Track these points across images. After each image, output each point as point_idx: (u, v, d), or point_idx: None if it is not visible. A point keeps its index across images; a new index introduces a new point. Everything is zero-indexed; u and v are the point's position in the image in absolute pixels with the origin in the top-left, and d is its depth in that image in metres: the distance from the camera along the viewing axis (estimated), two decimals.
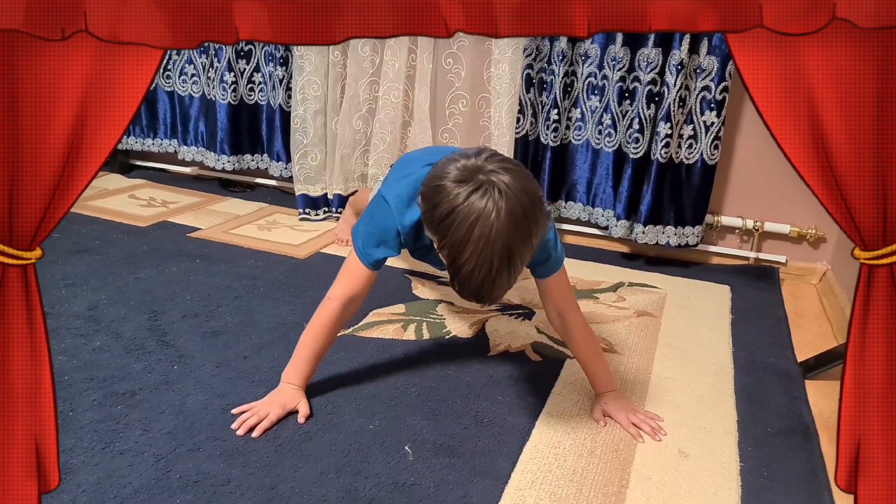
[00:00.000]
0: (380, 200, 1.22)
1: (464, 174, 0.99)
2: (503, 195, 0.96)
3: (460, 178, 0.99)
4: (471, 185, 0.98)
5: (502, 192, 0.97)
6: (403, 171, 1.25)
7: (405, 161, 1.38)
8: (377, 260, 1.25)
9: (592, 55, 2.11)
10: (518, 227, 0.97)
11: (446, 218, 0.98)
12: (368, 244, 1.23)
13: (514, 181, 0.98)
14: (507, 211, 0.96)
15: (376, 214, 1.23)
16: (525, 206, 0.98)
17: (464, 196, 0.97)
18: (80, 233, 2.11)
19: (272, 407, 1.24)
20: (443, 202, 0.99)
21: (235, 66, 2.53)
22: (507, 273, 0.99)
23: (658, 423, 1.30)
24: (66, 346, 1.44)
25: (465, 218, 0.97)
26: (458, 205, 0.97)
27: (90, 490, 1.03)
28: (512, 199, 0.97)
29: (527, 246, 1.00)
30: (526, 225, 0.98)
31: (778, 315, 1.87)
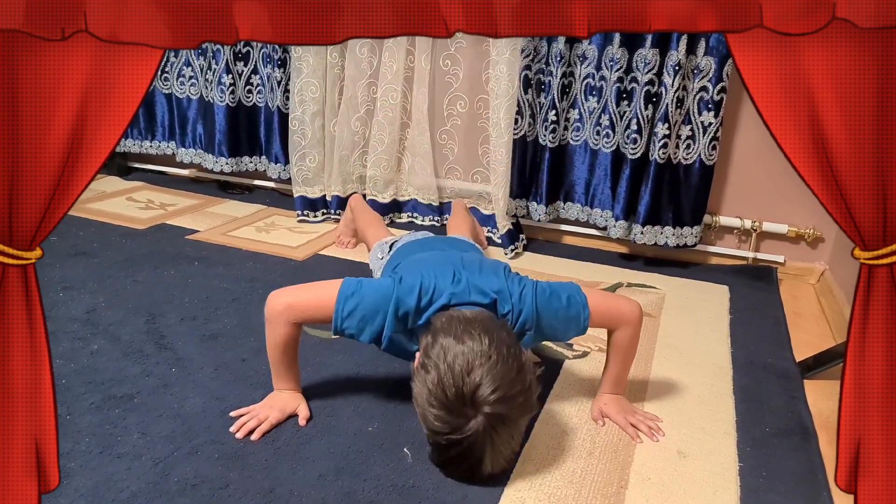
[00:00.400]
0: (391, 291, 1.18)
1: (450, 413, 1.01)
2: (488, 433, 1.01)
3: (446, 420, 1.01)
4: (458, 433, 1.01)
5: (488, 430, 1.01)
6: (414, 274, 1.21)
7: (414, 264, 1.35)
8: (348, 332, 1.19)
9: (590, 56, 2.11)
10: (499, 456, 1.06)
11: (435, 443, 1.08)
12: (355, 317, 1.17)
13: (500, 419, 1.01)
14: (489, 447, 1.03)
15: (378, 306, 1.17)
16: (508, 435, 1.05)
17: (448, 441, 1.03)
18: (77, 236, 2.11)
19: (271, 410, 1.23)
20: (428, 430, 1.06)
21: (233, 68, 2.53)
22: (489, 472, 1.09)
23: (657, 423, 1.30)
24: (63, 349, 1.44)
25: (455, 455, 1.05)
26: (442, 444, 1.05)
27: (88, 494, 1.03)
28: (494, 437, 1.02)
29: (509, 451, 1.08)
30: (509, 443, 1.06)
31: (776, 315, 1.87)
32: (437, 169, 2.40)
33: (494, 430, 1.01)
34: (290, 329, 1.21)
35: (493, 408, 0.99)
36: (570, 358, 1.54)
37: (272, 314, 1.21)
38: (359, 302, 1.17)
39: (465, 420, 1.00)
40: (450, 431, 1.01)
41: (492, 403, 0.99)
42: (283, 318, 1.20)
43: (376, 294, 1.18)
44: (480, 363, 1.00)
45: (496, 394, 0.99)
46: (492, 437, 1.02)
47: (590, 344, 1.60)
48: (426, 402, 1.03)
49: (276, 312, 1.20)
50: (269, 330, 1.22)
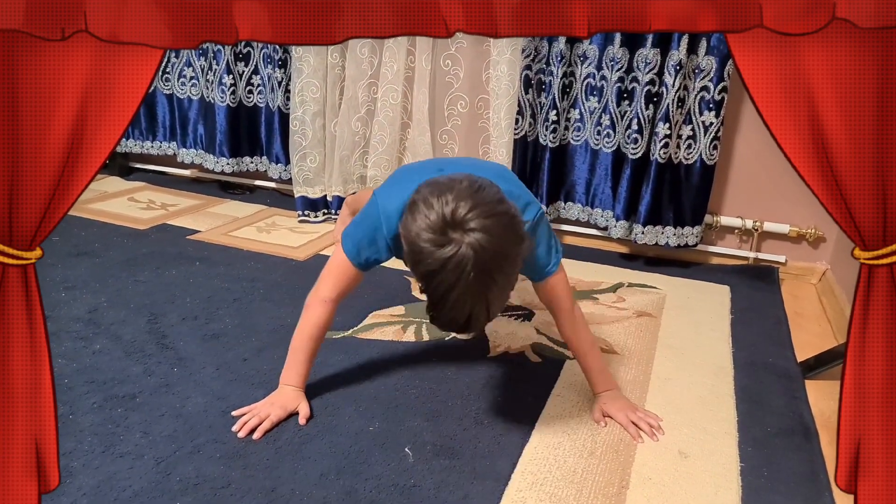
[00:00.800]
0: (373, 205, 1.22)
1: (437, 237, 1.00)
2: (477, 254, 0.99)
3: (434, 241, 1.00)
4: (446, 249, 0.99)
5: (476, 251, 0.99)
6: (401, 180, 1.25)
7: (404, 170, 1.39)
8: (368, 260, 1.24)
9: (591, 56, 2.11)
10: (493, 285, 1.02)
11: (425, 277, 1.04)
12: (360, 245, 1.23)
13: (487, 237, 0.99)
14: (480, 271, 0.99)
15: (368, 217, 1.23)
16: (499, 261, 1.01)
17: (440, 262, 1.00)
18: (79, 236, 2.11)
19: (273, 409, 1.24)
20: (420, 262, 1.03)
21: (234, 68, 2.53)
22: (485, 317, 1.06)
23: (657, 422, 1.30)
24: (65, 349, 1.44)
25: (441, 283, 1.01)
26: (435, 270, 1.01)
27: (90, 493, 1.03)
28: (486, 260, 0.99)
29: (502, 295, 1.06)
30: (502, 278, 1.03)
31: (778, 315, 1.87)
32: None
33: (482, 246, 0.98)
34: (325, 308, 1.28)
35: (477, 223, 0.98)
36: (571, 358, 1.54)
37: (309, 301, 1.29)
38: (359, 234, 1.23)
39: (452, 241, 0.99)
40: (439, 245, 1.00)
41: (475, 219, 0.98)
42: (319, 298, 1.27)
43: (367, 216, 1.23)
44: (457, 194, 1.00)
45: (477, 210, 0.99)
46: (482, 258, 0.99)
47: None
48: (414, 237, 1.01)
49: (313, 297, 1.28)
50: (305, 315, 1.28)
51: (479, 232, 0.98)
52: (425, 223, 1.00)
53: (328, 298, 1.27)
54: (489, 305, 1.04)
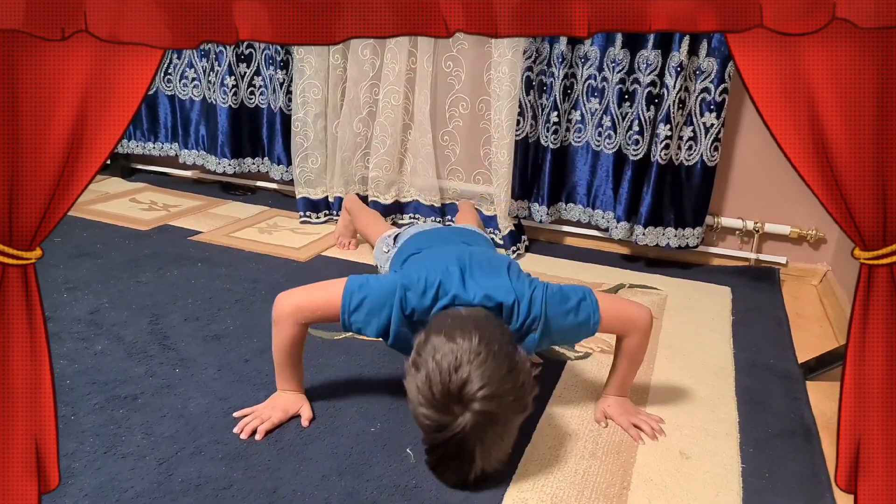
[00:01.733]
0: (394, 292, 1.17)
1: (438, 412, 1.00)
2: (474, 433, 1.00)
3: (433, 418, 1.01)
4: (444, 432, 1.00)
5: (475, 430, 1.00)
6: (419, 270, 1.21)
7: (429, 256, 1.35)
8: (353, 324, 1.18)
9: (592, 57, 2.11)
10: (488, 456, 1.05)
11: (426, 442, 1.09)
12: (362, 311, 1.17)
13: (488, 418, 1.00)
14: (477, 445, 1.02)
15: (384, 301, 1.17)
16: (496, 436, 1.04)
17: (437, 440, 1.03)
18: (81, 237, 2.11)
19: (274, 411, 1.24)
20: (419, 427, 1.06)
21: (236, 69, 2.54)
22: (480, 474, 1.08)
23: (659, 424, 1.30)
24: (67, 349, 1.44)
25: (438, 454, 1.07)
26: (432, 444, 1.06)
27: (92, 494, 1.03)
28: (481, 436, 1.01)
29: (496, 457, 1.07)
30: (495, 451, 1.05)
31: (779, 316, 1.87)
32: (439, 170, 2.40)
33: (482, 428, 0.99)
34: (297, 330, 1.21)
35: (481, 404, 0.98)
36: (573, 359, 1.54)
37: (280, 315, 1.20)
38: (365, 296, 1.17)
39: (453, 417, 0.99)
40: (438, 429, 1.00)
41: (479, 400, 0.98)
42: (292, 320, 1.20)
43: (382, 288, 1.18)
44: (469, 360, 0.99)
45: (484, 390, 0.98)
46: (480, 436, 1.00)
47: (592, 345, 1.60)
48: (416, 401, 1.02)
49: (285, 314, 1.20)
50: (277, 331, 1.21)
51: (481, 415, 0.99)
52: (427, 395, 1.01)
53: (300, 322, 1.20)
54: (484, 468, 1.06)
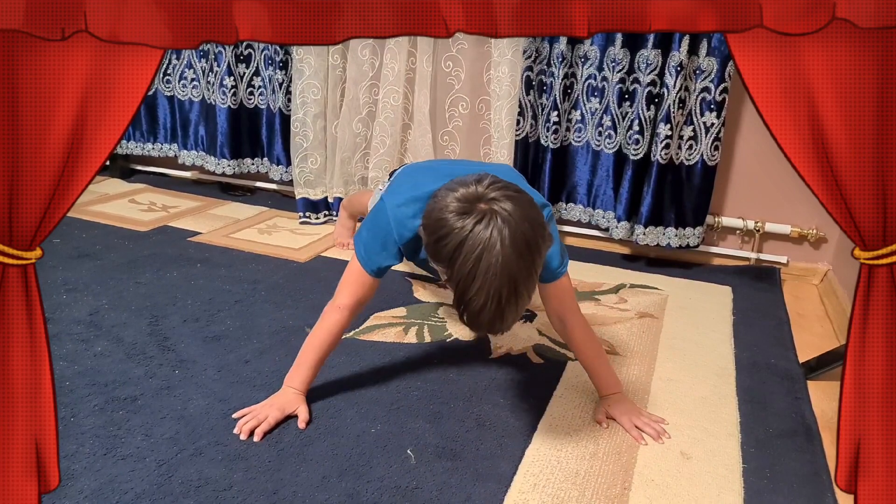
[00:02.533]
0: (381, 208, 1.21)
1: (464, 205, 0.99)
2: (506, 223, 0.96)
3: (461, 209, 0.99)
4: (473, 216, 0.98)
5: (505, 220, 0.97)
6: (408, 181, 1.25)
7: (409, 171, 1.38)
8: (380, 267, 1.24)
9: (592, 57, 2.11)
10: (523, 258, 0.97)
11: (452, 253, 0.98)
12: (371, 251, 1.23)
13: (515, 208, 0.98)
14: (511, 241, 0.96)
15: (377, 222, 1.22)
16: (528, 234, 0.98)
17: (468, 229, 0.97)
18: (80, 238, 2.11)
19: (271, 410, 1.24)
20: (446, 236, 0.99)
21: (235, 70, 2.54)
22: (515, 304, 0.99)
23: (661, 426, 1.29)
24: (67, 351, 1.44)
25: (471, 251, 0.96)
26: (462, 239, 0.97)
27: (92, 496, 1.03)
28: (515, 228, 0.97)
29: (532, 276, 1.00)
30: (530, 254, 0.99)
31: (779, 316, 1.87)
32: None
33: (511, 216, 0.96)
34: (340, 315, 1.27)
35: (505, 203, 0.97)
36: (573, 359, 1.53)
37: (327, 308, 1.28)
38: (368, 241, 1.22)
39: (479, 211, 0.97)
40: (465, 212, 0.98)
41: (501, 199, 0.98)
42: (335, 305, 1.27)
43: (375, 223, 1.22)
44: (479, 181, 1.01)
45: (503, 191, 0.99)
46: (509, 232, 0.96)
47: None
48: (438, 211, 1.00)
49: (329, 306, 1.28)
50: (320, 320, 1.28)
51: (508, 203, 0.97)
52: (452, 199, 1.00)
53: (343, 305, 1.26)
54: (518, 288, 0.98)
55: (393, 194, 1.23)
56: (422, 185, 1.16)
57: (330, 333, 1.27)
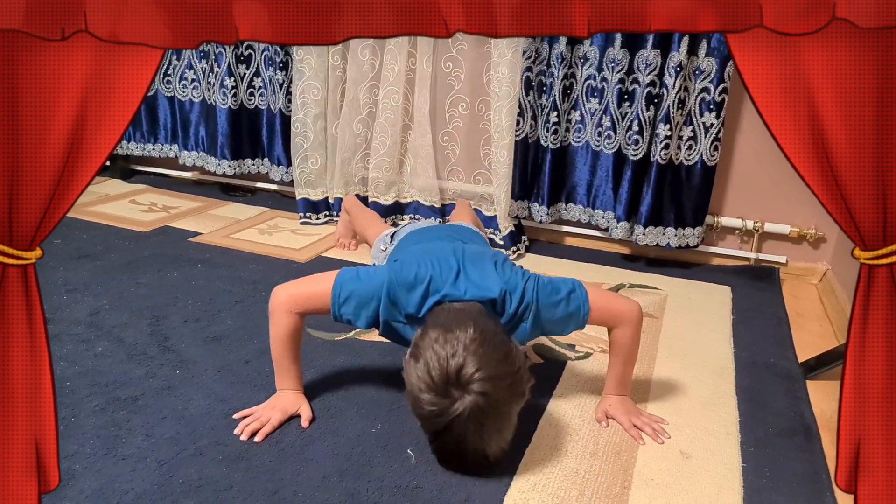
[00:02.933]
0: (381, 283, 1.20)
1: (437, 396, 1.03)
2: (473, 415, 1.02)
3: (434, 402, 1.04)
4: (444, 416, 1.03)
5: (474, 412, 1.02)
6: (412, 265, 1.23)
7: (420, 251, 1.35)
8: (343, 316, 1.22)
9: (591, 57, 2.11)
10: (493, 438, 1.07)
11: (428, 430, 1.11)
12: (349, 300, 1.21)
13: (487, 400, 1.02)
14: (478, 434, 1.05)
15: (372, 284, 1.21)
16: (495, 420, 1.06)
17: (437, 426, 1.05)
18: (80, 238, 2.11)
19: (273, 412, 1.24)
20: (419, 417, 1.09)
21: (235, 70, 2.54)
22: (482, 460, 1.10)
23: (661, 426, 1.30)
24: (67, 351, 1.44)
25: (446, 440, 1.07)
26: (434, 431, 1.08)
27: (92, 496, 1.03)
28: (481, 419, 1.03)
29: (497, 443, 1.09)
30: (495, 436, 1.08)
31: (779, 315, 1.87)
32: (439, 171, 2.40)
33: (481, 411, 1.02)
34: (292, 319, 1.23)
35: (478, 385, 1.01)
36: (573, 359, 1.54)
37: (275, 305, 1.24)
38: (353, 289, 1.21)
39: (452, 401, 1.02)
40: (438, 414, 1.03)
41: (477, 381, 1.01)
42: (285, 308, 1.23)
43: (371, 281, 1.22)
44: (465, 347, 1.03)
45: (480, 373, 1.02)
46: (480, 420, 1.03)
47: (592, 345, 1.60)
48: (416, 388, 1.05)
49: (279, 303, 1.24)
50: (273, 322, 1.24)
51: (479, 397, 1.02)
52: (427, 380, 1.04)
53: (295, 311, 1.23)
54: (486, 453, 1.08)
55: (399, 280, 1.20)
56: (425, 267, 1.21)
57: (289, 335, 1.24)
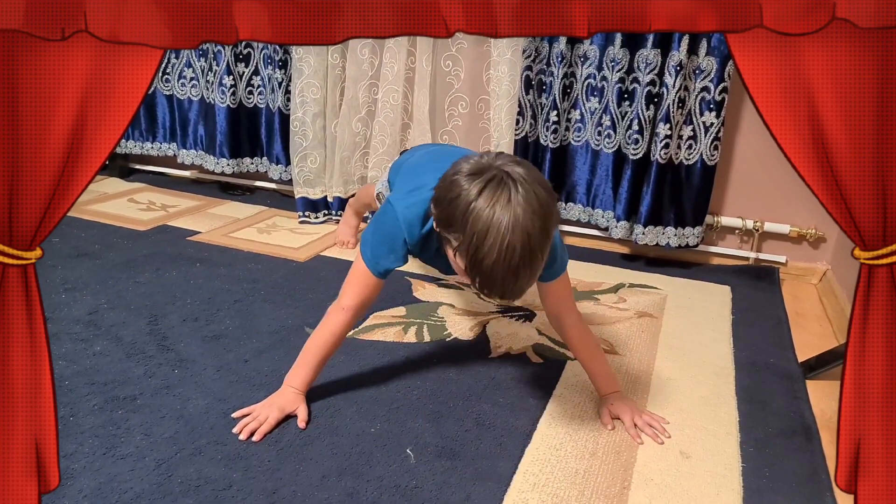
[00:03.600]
0: (388, 209, 1.21)
1: (476, 168, 1.00)
2: (518, 184, 0.97)
3: (473, 171, 1.00)
4: (485, 176, 0.98)
5: (517, 181, 0.97)
6: (414, 180, 1.24)
7: (414, 169, 1.38)
8: (387, 269, 1.24)
9: (591, 56, 2.11)
10: (536, 216, 0.96)
11: (465, 212, 0.97)
12: (378, 253, 1.22)
13: (527, 173, 1.00)
14: (525, 199, 0.96)
15: (384, 223, 1.22)
16: (541, 196, 0.98)
17: (480, 187, 0.97)
18: (79, 237, 2.11)
19: (271, 410, 1.24)
20: (459, 197, 0.98)
21: (234, 69, 2.53)
22: (529, 264, 0.98)
23: (662, 425, 1.29)
24: (66, 350, 1.44)
25: (483, 207, 0.96)
26: (475, 197, 0.97)
27: (91, 495, 1.03)
28: (528, 189, 0.97)
29: (545, 237, 0.99)
30: (543, 214, 0.98)
31: (778, 315, 1.87)
32: None
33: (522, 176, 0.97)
34: (344, 316, 1.26)
35: (511, 160, 1.00)
36: (572, 359, 1.54)
37: (331, 308, 1.27)
38: (375, 243, 1.22)
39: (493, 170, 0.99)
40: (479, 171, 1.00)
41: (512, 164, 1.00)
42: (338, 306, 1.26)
43: (381, 224, 1.22)
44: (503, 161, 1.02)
45: (514, 161, 1.01)
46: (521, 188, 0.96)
47: None
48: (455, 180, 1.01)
49: (333, 306, 1.27)
50: (324, 321, 1.27)
51: (520, 167, 0.99)
52: (465, 165, 1.01)
53: (348, 307, 1.25)
54: (531, 245, 0.96)
55: (400, 194, 1.22)
56: (428, 182, 1.15)
57: (333, 334, 1.27)
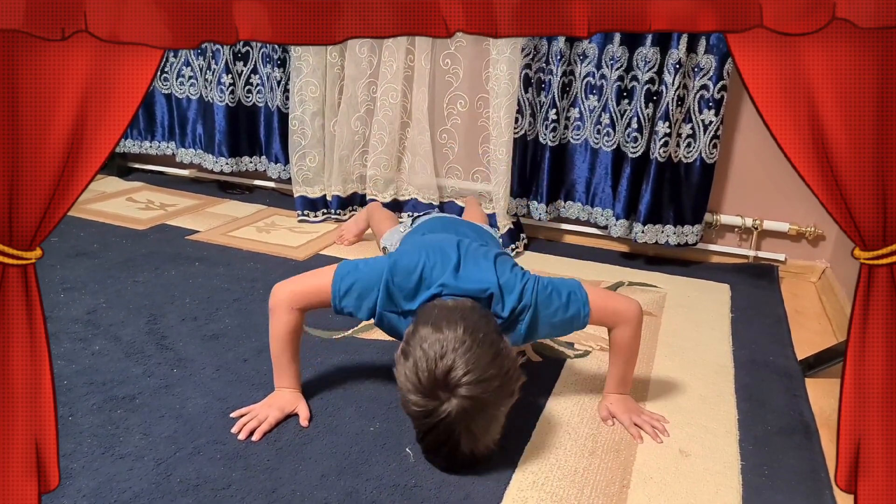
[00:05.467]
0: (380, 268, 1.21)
1: (425, 398, 1.03)
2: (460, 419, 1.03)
3: (420, 404, 1.04)
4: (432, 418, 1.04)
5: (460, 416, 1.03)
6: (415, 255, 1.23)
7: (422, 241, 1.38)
8: (344, 308, 1.22)
9: (590, 55, 2.11)
10: (481, 438, 1.08)
11: (416, 428, 1.12)
12: (350, 291, 1.21)
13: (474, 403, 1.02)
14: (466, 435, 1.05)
15: (373, 273, 1.21)
16: (481, 422, 1.06)
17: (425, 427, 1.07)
18: (78, 236, 2.11)
19: (271, 410, 1.24)
20: (409, 414, 1.09)
21: (233, 68, 2.53)
22: (469, 458, 1.10)
23: (662, 424, 1.29)
24: (65, 350, 1.44)
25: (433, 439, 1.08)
26: (421, 430, 1.09)
27: (90, 495, 1.03)
28: (467, 422, 1.04)
29: (483, 443, 1.10)
30: (483, 436, 1.08)
31: (778, 313, 1.87)
32: (438, 168, 2.40)
33: (468, 413, 1.02)
34: (293, 316, 1.24)
35: (466, 389, 1.01)
36: (572, 357, 1.54)
37: (276, 302, 1.24)
38: (354, 280, 1.21)
39: (439, 402, 1.02)
40: (426, 415, 1.04)
41: (464, 385, 1.01)
42: (286, 305, 1.23)
43: (371, 272, 1.21)
44: (454, 348, 1.03)
45: (468, 376, 1.01)
46: (467, 421, 1.03)
47: (591, 343, 1.60)
48: (405, 388, 1.06)
49: (279, 300, 1.24)
50: (273, 320, 1.25)
51: (466, 400, 1.02)
52: (415, 381, 1.04)
53: (296, 308, 1.24)
54: (473, 452, 1.09)
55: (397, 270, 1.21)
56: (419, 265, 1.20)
57: (290, 332, 1.25)
